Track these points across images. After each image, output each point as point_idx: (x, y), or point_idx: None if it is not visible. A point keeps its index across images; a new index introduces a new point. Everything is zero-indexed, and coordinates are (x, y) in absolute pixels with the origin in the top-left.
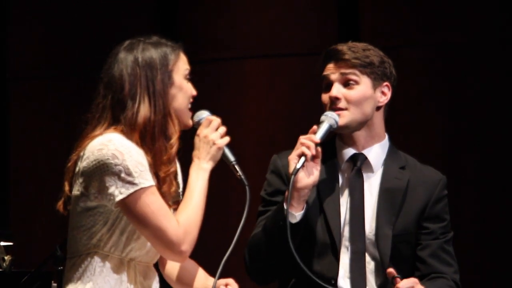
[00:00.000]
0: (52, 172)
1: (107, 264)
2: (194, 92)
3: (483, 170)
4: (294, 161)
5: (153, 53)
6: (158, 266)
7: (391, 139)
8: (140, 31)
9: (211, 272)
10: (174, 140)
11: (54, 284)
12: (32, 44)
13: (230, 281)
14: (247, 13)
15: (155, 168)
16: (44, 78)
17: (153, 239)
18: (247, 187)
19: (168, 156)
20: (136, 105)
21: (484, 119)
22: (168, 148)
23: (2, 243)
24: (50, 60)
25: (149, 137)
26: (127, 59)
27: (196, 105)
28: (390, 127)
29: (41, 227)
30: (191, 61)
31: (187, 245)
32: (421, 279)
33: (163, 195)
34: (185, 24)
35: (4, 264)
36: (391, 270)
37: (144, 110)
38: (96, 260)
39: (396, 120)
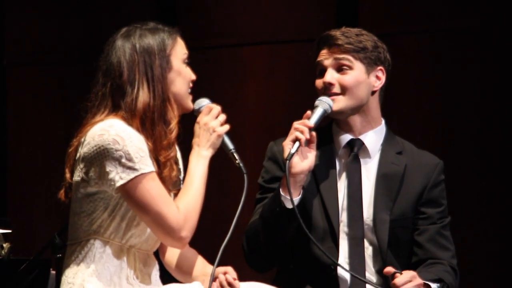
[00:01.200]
0: (51, 159)
1: (107, 251)
2: (193, 77)
3: (486, 161)
4: (288, 146)
5: (151, 39)
6: (159, 255)
7: (388, 125)
8: (139, 18)
9: (210, 260)
10: (174, 125)
11: (53, 272)
12: (30, 30)
13: (229, 269)
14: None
15: (155, 153)
16: (42, 64)
17: (153, 225)
18: (245, 175)
19: (168, 141)
20: (135, 90)
21: (485, 108)
22: (168, 133)
23: (1, 231)
24: (48, 47)
25: (149, 122)
26: (125, 46)
27: (195, 92)
28: (388, 116)
29: (39, 215)
30: (189, 48)
31: (187, 231)
32: (419, 263)
33: (164, 180)
34: (183, 11)
35: (3, 252)
36: (389, 269)
37: (143, 95)
38: (96, 246)
39: (395, 109)
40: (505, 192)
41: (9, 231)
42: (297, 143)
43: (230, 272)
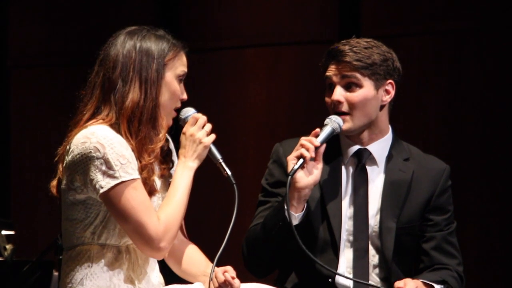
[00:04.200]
0: (53, 161)
1: (104, 254)
2: (183, 96)
3: (487, 161)
4: (292, 161)
5: (153, 43)
6: None
7: (394, 131)
8: (142, 20)
9: (213, 260)
10: (162, 136)
11: (55, 273)
12: (33, 32)
13: (228, 268)
14: (248, 1)
15: (138, 154)
16: (45, 65)
17: (133, 234)
18: (235, 185)
19: (153, 148)
20: (127, 87)
21: (488, 108)
22: (155, 140)
23: (4, 232)
24: (51, 49)
25: (136, 121)
26: (126, 42)
27: (197, 94)
28: (390, 118)
29: (42, 216)
30: (191, 50)
31: (166, 242)
32: (425, 270)
33: (144, 182)
34: (186, 13)
35: (6, 253)
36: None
37: (133, 94)
38: (93, 251)
39: (397, 111)
40: (508, 192)
41: (12, 232)
42: (301, 160)
43: (229, 271)
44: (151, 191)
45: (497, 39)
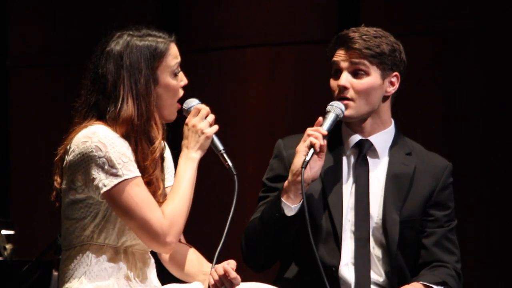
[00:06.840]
0: (53, 161)
1: (103, 254)
2: (182, 83)
3: (487, 161)
4: (303, 153)
5: (139, 52)
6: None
7: (397, 125)
8: (142, 21)
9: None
10: (157, 144)
11: (55, 273)
12: (32, 32)
13: (230, 261)
14: (248, 1)
15: (140, 170)
16: (44, 66)
17: (138, 230)
18: (235, 176)
19: (151, 160)
20: (119, 106)
21: (488, 107)
22: (151, 152)
23: (3, 232)
24: (50, 48)
25: (133, 141)
26: (113, 57)
27: (197, 94)
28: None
29: (42, 216)
30: (192, 50)
31: (172, 237)
32: (424, 266)
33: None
34: (186, 13)
35: (5, 253)
36: None
37: (127, 112)
38: (91, 250)
39: (396, 110)
40: (508, 193)
41: (12, 232)
42: (311, 150)
43: (230, 263)
44: None
45: (497, 39)
